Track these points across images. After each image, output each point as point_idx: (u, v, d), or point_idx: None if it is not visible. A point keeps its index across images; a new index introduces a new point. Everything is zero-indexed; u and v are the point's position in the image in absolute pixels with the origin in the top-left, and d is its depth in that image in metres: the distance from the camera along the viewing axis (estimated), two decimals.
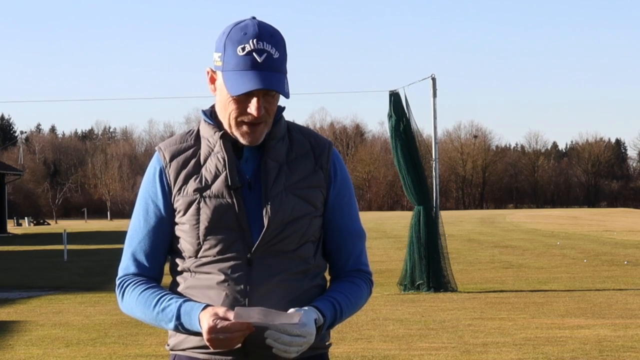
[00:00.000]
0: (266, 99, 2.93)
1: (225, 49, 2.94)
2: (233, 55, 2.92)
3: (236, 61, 2.91)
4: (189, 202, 2.97)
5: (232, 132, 2.97)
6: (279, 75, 2.91)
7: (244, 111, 2.92)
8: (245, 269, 2.94)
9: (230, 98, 2.93)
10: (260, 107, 2.91)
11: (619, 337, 11.47)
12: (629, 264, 24.41)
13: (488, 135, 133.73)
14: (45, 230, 64.82)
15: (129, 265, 3.06)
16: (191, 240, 2.98)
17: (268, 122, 2.97)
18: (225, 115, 2.97)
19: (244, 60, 2.90)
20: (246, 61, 2.89)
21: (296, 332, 2.79)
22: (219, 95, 2.99)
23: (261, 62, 2.89)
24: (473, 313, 14.26)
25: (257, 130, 2.94)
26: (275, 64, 2.91)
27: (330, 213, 3.05)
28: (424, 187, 18.26)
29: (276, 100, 2.96)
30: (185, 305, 2.92)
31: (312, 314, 2.87)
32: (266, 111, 2.93)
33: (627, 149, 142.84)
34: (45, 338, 12.07)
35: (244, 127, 2.93)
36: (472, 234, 44.05)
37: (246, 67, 2.89)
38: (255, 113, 2.90)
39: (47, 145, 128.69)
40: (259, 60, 2.89)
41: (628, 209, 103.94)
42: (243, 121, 2.93)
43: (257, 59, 2.89)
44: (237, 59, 2.91)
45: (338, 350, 10.55)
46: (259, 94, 2.91)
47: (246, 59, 2.89)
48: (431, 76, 18.98)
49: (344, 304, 3.00)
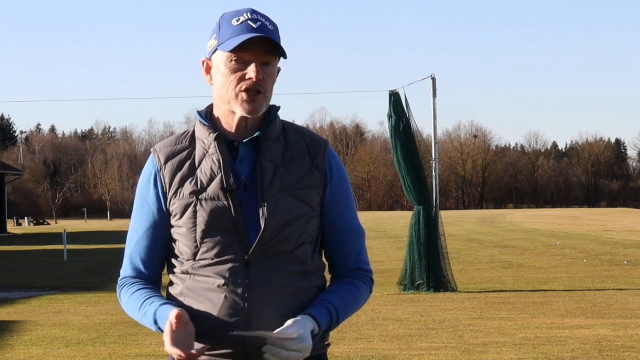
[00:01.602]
0: (264, 70, 2.93)
1: (220, 28, 2.97)
2: (228, 27, 2.94)
3: (232, 30, 2.93)
4: (186, 205, 2.96)
5: (231, 106, 2.95)
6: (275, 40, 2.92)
7: (243, 78, 2.92)
8: (244, 271, 2.92)
9: (227, 71, 2.93)
10: (259, 71, 2.91)
11: (619, 337, 11.46)
12: (629, 264, 24.41)
13: (488, 135, 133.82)
14: (45, 230, 64.80)
15: (126, 268, 3.08)
16: (189, 243, 2.97)
17: (267, 96, 2.96)
18: (224, 93, 2.95)
19: (240, 27, 2.92)
20: (242, 28, 2.92)
21: (294, 347, 2.80)
22: (216, 77, 2.98)
23: (257, 27, 2.91)
24: (473, 313, 14.26)
25: (256, 99, 2.93)
26: (271, 33, 2.93)
27: (328, 212, 3.04)
28: (424, 187, 18.26)
29: (273, 73, 2.96)
30: (160, 311, 2.92)
31: (308, 325, 2.87)
32: (264, 82, 2.93)
33: (627, 149, 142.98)
34: (45, 338, 12.07)
35: (244, 95, 2.92)
36: (472, 234, 44.03)
37: (242, 32, 2.91)
38: (254, 76, 2.90)
39: (47, 145, 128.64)
40: (255, 26, 2.91)
41: (628, 209, 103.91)
42: (242, 89, 2.92)
43: (253, 25, 2.92)
44: (232, 29, 2.93)
45: (338, 350, 10.55)
46: (256, 60, 2.91)
47: (242, 26, 2.92)
48: (431, 76, 18.98)
49: (341, 308, 2.98)
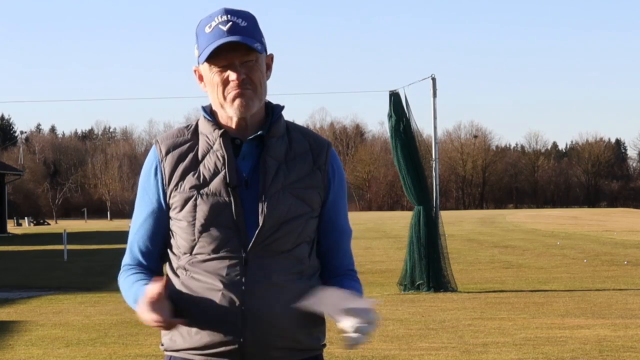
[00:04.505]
0: (245, 66, 2.94)
1: (197, 38, 3.00)
2: (203, 36, 2.97)
3: (206, 39, 2.95)
4: (186, 198, 2.97)
5: (226, 111, 2.97)
6: (245, 36, 2.92)
7: (227, 82, 2.94)
8: (241, 268, 2.92)
9: (211, 79, 2.95)
10: (239, 72, 2.92)
11: (619, 337, 11.46)
12: (629, 264, 24.41)
13: (488, 135, 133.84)
14: (45, 230, 64.80)
15: (126, 257, 3.10)
16: (186, 236, 2.97)
17: (258, 92, 2.97)
18: (215, 99, 2.98)
19: (212, 34, 2.94)
20: (213, 35, 2.94)
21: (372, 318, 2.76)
22: (206, 85, 3.01)
23: (226, 29, 2.93)
24: (473, 313, 14.26)
25: (245, 95, 2.93)
26: (242, 30, 2.93)
27: (328, 213, 3.05)
28: (424, 187, 18.25)
29: (257, 67, 2.96)
30: (141, 290, 2.92)
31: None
32: (249, 78, 2.94)
33: (627, 149, 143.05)
34: (45, 338, 12.06)
35: (232, 94, 2.94)
36: (472, 234, 44.03)
37: (213, 39, 2.93)
38: (235, 78, 2.91)
39: (47, 145, 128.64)
40: (224, 29, 2.93)
41: (628, 209, 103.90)
42: (229, 93, 2.94)
43: (222, 28, 2.93)
44: (205, 37, 2.95)
45: (338, 350, 10.54)
46: (234, 60, 2.92)
47: (212, 33, 2.94)
48: (431, 76, 18.97)
49: None
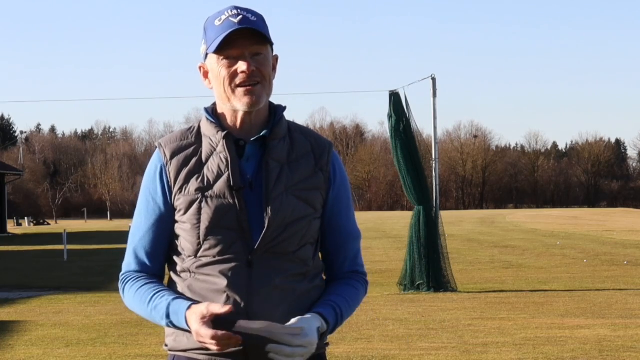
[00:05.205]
0: (255, 60, 2.93)
1: (206, 32, 2.99)
2: (212, 29, 2.95)
3: (215, 31, 2.94)
4: (191, 201, 2.96)
5: (232, 104, 2.95)
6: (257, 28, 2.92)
7: (235, 74, 2.92)
8: (246, 271, 2.92)
9: (220, 70, 2.94)
10: (250, 63, 2.91)
11: (619, 337, 11.46)
12: (629, 264, 24.41)
13: (488, 135, 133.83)
14: (45, 230, 64.80)
15: (130, 262, 3.06)
16: (191, 239, 2.96)
17: (266, 87, 2.96)
18: (222, 93, 2.96)
19: (222, 26, 2.93)
20: (224, 26, 2.92)
21: (297, 342, 2.79)
22: (212, 79, 2.99)
23: (237, 21, 2.92)
24: (473, 313, 14.26)
25: (254, 90, 2.92)
26: (253, 23, 2.92)
27: (329, 214, 3.05)
28: (424, 187, 18.25)
29: (267, 62, 2.96)
30: (173, 305, 2.90)
31: (315, 323, 2.87)
32: (259, 72, 2.93)
33: (627, 149, 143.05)
34: (45, 338, 12.06)
35: (240, 90, 2.93)
36: (472, 234, 44.03)
37: (224, 30, 2.92)
38: (245, 69, 2.90)
39: (47, 145, 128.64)
40: (235, 20, 2.92)
41: (628, 209, 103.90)
42: (237, 85, 2.92)
43: (233, 20, 2.92)
44: (215, 30, 2.94)
45: (338, 350, 10.55)
46: (244, 53, 2.92)
47: (223, 25, 2.93)
48: (431, 76, 18.97)
49: (344, 308, 3.01)
